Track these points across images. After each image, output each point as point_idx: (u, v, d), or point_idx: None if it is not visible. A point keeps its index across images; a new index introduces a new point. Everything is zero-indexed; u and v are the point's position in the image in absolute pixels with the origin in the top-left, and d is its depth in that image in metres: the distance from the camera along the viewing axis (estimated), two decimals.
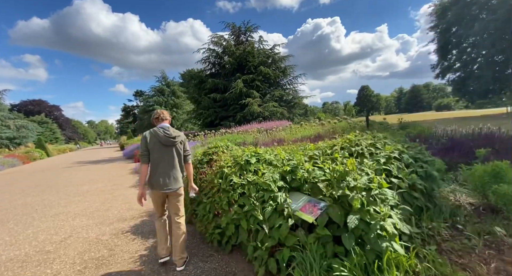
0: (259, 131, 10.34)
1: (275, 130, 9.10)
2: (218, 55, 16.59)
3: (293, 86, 17.38)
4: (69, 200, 5.03)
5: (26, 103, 45.39)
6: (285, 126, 11.81)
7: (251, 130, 11.03)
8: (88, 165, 12.02)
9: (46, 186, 6.80)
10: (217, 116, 15.54)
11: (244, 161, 2.40)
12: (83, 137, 68.64)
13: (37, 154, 18.78)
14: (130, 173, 8.39)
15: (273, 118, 15.04)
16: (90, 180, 7.46)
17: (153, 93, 38.64)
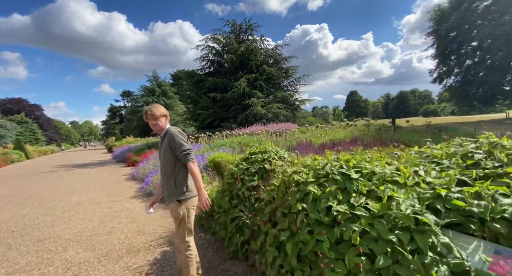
0: (268, 134, 9.56)
1: (289, 133, 8.34)
2: (218, 53, 15.71)
3: (295, 88, 16.79)
4: (57, 217, 3.99)
5: (4, 101, 42.22)
6: (294, 129, 11.11)
7: (259, 133, 10.23)
8: (75, 170, 10.71)
9: (26, 197, 5.65)
10: (216, 117, 14.59)
11: (340, 175, 1.61)
12: (66, 138, 64.94)
13: (15, 156, 16.98)
14: (126, 180, 7.32)
15: (276, 120, 14.32)
16: (79, 188, 6.35)
17: (143, 93, 36.99)
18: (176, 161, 1.79)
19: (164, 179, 1.81)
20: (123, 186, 6.34)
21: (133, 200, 4.87)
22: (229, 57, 14.37)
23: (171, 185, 1.77)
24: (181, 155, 1.75)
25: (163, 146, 1.81)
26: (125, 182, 6.98)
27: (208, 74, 16.06)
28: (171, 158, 1.78)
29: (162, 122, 1.84)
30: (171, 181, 1.77)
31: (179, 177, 1.79)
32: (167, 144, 1.77)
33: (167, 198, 1.82)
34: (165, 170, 1.80)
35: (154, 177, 5.51)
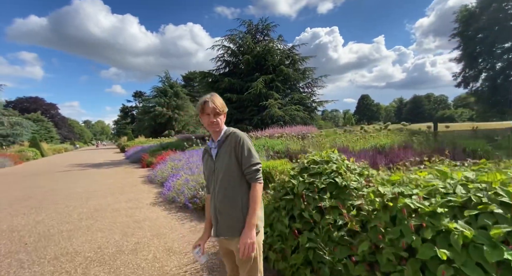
0: (288, 137, 9.03)
1: (313, 136, 7.78)
2: (233, 53, 15.35)
3: (312, 89, 16.20)
4: (74, 226, 3.58)
5: (22, 100, 43.45)
6: (315, 132, 10.53)
7: (279, 135, 9.70)
8: (89, 170, 10.48)
9: (40, 199, 5.31)
10: (231, 118, 14.17)
11: (503, 206, 1.07)
12: (79, 137, 66.39)
13: (30, 154, 17.07)
14: (143, 182, 6.93)
15: (293, 122, 13.78)
16: (95, 191, 5.99)
17: (155, 93, 37.21)
18: (242, 178, 1.28)
19: (224, 203, 1.27)
20: (141, 190, 5.94)
21: (154, 208, 4.43)
22: (245, 57, 13.97)
23: (236, 212, 1.25)
24: (249, 170, 1.25)
25: (222, 155, 1.28)
26: (142, 185, 6.58)
27: (223, 75, 15.72)
28: (236, 174, 1.26)
29: (222, 121, 1.33)
30: (236, 207, 1.25)
31: (247, 200, 1.27)
32: (230, 153, 1.26)
33: (227, 230, 1.27)
34: (226, 191, 1.26)
35: (176, 182, 5.06)
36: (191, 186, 4.53)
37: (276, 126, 12.92)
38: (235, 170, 1.26)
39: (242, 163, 1.25)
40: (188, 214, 3.97)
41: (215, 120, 1.28)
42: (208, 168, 1.35)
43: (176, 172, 6.30)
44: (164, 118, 34.21)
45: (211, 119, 1.27)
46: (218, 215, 1.29)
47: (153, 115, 34.25)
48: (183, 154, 8.62)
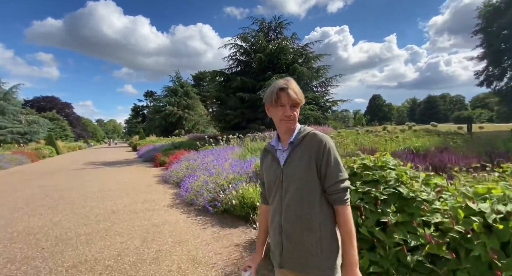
0: None
1: (333, 137, 7.41)
2: (246, 52, 15.11)
3: (326, 88, 15.76)
4: (91, 229, 3.40)
5: (38, 99, 44.80)
6: (332, 132, 10.15)
7: None
8: (103, 168, 10.48)
9: (57, 198, 5.21)
10: (244, 118, 13.96)
11: None
12: (92, 135, 68.00)
13: (46, 152, 17.42)
14: (158, 182, 6.77)
15: (307, 122, 13.40)
16: (110, 191, 5.86)
17: (166, 93, 37.53)
18: (322, 196, 0.94)
19: (296, 226, 0.95)
20: (156, 191, 5.76)
21: (172, 210, 4.21)
22: (258, 56, 13.69)
23: (311, 240, 0.92)
24: (336, 188, 0.92)
25: (297, 161, 0.95)
26: (157, 185, 6.41)
27: (235, 74, 15.52)
28: (315, 190, 0.93)
29: (297, 115, 1.00)
30: (312, 234, 0.92)
31: (326, 229, 0.93)
32: (309, 160, 0.93)
33: (298, 263, 0.95)
34: (300, 210, 0.94)
35: (194, 183, 4.84)
36: (210, 188, 4.30)
37: None
38: (314, 184, 0.93)
39: (325, 176, 0.93)
40: (208, 218, 3.73)
41: (292, 114, 0.96)
42: (271, 174, 1.03)
43: (192, 172, 6.09)
44: (174, 117, 34.45)
45: (287, 112, 0.95)
46: (285, 240, 0.97)
47: (164, 115, 34.55)
48: (197, 153, 8.44)
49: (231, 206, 3.62)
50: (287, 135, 1.01)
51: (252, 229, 3.21)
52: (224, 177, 4.46)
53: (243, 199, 3.54)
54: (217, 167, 5.47)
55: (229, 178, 4.33)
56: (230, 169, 4.92)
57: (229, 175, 4.52)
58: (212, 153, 7.87)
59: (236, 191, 3.74)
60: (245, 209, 3.47)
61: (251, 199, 3.51)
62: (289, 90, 0.95)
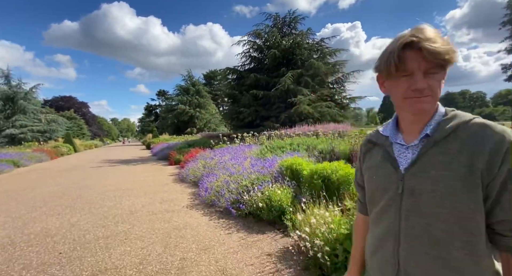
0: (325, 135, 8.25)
1: (354, 136, 6.94)
2: (259, 48, 14.75)
3: (342, 84, 15.14)
4: (110, 231, 3.20)
5: (57, 99, 46.48)
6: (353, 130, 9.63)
7: (313, 133, 8.95)
8: (119, 166, 10.48)
9: (75, 197, 5.10)
10: (257, 116, 13.63)
11: None
12: (107, 133, 69.98)
13: (64, 149, 17.86)
14: (174, 181, 6.58)
15: (324, 120, 12.91)
16: (128, 189, 5.71)
17: (178, 92, 37.85)
18: (481, 221, 0.56)
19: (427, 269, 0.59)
20: (174, 190, 5.55)
21: (192, 212, 3.96)
22: (272, 52, 13.30)
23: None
24: None
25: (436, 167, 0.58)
26: (173, 184, 6.21)
27: (248, 71, 15.21)
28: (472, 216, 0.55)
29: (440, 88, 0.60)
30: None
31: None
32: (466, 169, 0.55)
33: None
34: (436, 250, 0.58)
35: (214, 183, 4.57)
36: (232, 188, 4.01)
37: (304, 124, 12.17)
38: (470, 212, 0.55)
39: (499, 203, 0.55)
40: (232, 221, 3.44)
41: (428, 85, 0.57)
42: (380, 180, 0.68)
43: (210, 171, 5.85)
44: (186, 116, 34.69)
45: (416, 84, 0.57)
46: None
47: (176, 113, 34.86)
48: (213, 152, 8.20)
49: (257, 209, 3.31)
50: (418, 123, 0.64)
51: (283, 236, 2.88)
52: (246, 177, 4.15)
53: (270, 202, 3.22)
54: (237, 166, 5.19)
55: (252, 178, 4.02)
56: (251, 168, 4.61)
57: (251, 175, 4.21)
58: (229, 151, 7.60)
59: (261, 192, 3.43)
60: (273, 213, 3.15)
61: (279, 202, 3.18)
62: (424, 43, 0.55)
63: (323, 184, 3.21)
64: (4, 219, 3.78)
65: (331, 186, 3.19)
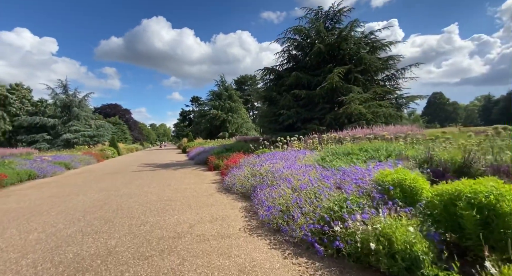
0: (396, 138, 6.74)
1: (440, 139, 5.32)
2: (299, 45, 13.61)
3: (396, 82, 13.16)
4: (155, 269, 2.33)
5: (105, 106, 50.97)
6: (421, 133, 7.90)
7: (372, 137, 7.47)
8: (159, 170, 10.17)
9: (115, 208, 4.51)
10: (298, 118, 12.42)
11: None
12: (147, 138, 74.88)
13: (109, 152, 18.74)
14: (219, 190, 5.73)
15: (378, 121, 11.18)
16: (171, 200, 4.99)
17: (211, 97, 38.47)
18: None
19: None
20: (221, 203, 4.66)
21: (255, 240, 2.95)
22: (316, 47, 12.03)
23: None
24: None
25: None
26: (219, 195, 5.35)
27: (288, 70, 14.16)
28: None
29: None
30: None
31: None
32: None
33: None
34: None
35: (277, 199, 3.53)
36: (308, 211, 2.91)
37: (354, 126, 10.63)
38: None
39: None
40: (320, 264, 2.33)
41: None
42: None
43: (261, 181, 4.86)
44: (218, 120, 34.91)
45: None
46: None
47: (209, 118, 35.34)
48: (258, 157, 7.24)
49: (362, 251, 2.16)
50: None
51: None
52: (326, 196, 3.03)
53: (387, 243, 2.04)
54: (299, 176, 4.10)
55: (338, 199, 2.87)
56: (324, 182, 3.48)
57: (332, 193, 3.08)
58: (277, 157, 6.57)
59: (368, 224, 2.27)
60: (397, 263, 1.96)
61: (405, 244, 1.98)
62: None
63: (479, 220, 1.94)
64: (38, 236, 3.22)
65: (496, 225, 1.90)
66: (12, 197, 5.83)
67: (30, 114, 29.28)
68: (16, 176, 8.64)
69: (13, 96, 31.00)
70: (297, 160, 5.75)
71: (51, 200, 5.32)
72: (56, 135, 26.56)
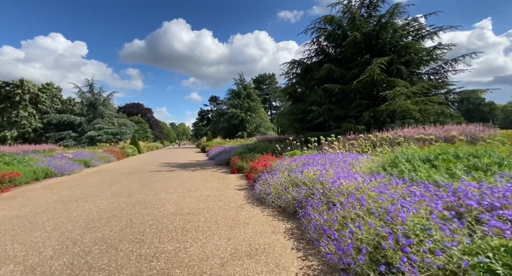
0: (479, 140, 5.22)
1: None
2: (331, 35, 12.14)
3: (445, 75, 11.27)
4: None
5: (128, 105, 52.34)
6: (497, 134, 6.25)
7: (432, 138, 5.98)
8: (177, 171, 9.30)
9: (124, 224, 3.54)
10: (330, 116, 11.00)
11: None
12: (167, 136, 76.40)
13: (130, 151, 18.48)
14: (249, 201, 4.60)
15: (426, 120, 9.50)
16: (192, 214, 3.95)
17: (230, 96, 37.79)
18: None
19: None
20: (257, 220, 3.51)
21: None
22: (352, 36, 10.51)
23: None
24: None
25: None
26: (251, 208, 4.22)
27: (317, 63, 12.76)
28: None
29: None
30: None
31: None
32: None
33: None
34: None
35: (363, 233, 2.30)
36: (421, 262, 1.66)
37: (394, 125, 9.05)
38: None
39: None
40: None
41: None
42: None
43: (309, 194, 3.66)
44: (237, 119, 34.11)
45: None
46: None
47: (228, 117, 34.66)
48: (292, 161, 6.02)
49: None
50: None
51: None
52: (447, 233, 1.75)
53: None
54: (370, 191, 2.84)
55: (490, 245, 1.59)
56: (424, 203, 2.20)
57: (457, 228, 1.80)
58: (316, 161, 5.32)
59: None
60: None
61: None
62: None
63: None
64: (13, 269, 2.28)
65: None
66: (17, 200, 5.14)
67: (59, 112, 30.35)
68: (33, 174, 8.17)
69: (43, 95, 32.32)
70: (349, 166, 4.47)
71: (55, 206, 4.51)
72: (82, 133, 27.17)
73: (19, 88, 30.60)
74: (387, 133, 7.63)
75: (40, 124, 31.17)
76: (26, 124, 30.41)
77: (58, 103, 34.15)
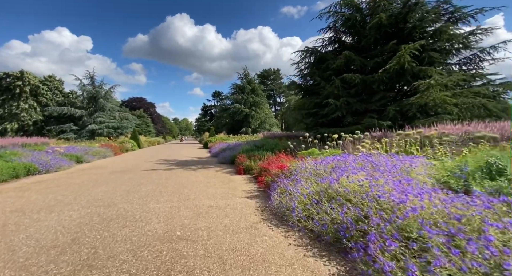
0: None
1: None
2: (349, 20, 10.73)
3: (479, 65, 9.84)
4: None
5: (131, 100, 51.37)
6: None
7: (485, 136, 4.66)
8: (175, 171, 8.14)
9: (82, 260, 2.38)
10: (348, 110, 9.69)
11: None
12: (169, 131, 75.53)
13: (129, 145, 17.40)
14: (263, 217, 3.39)
15: (464, 116, 8.16)
16: (188, 241, 2.75)
17: (233, 90, 36.47)
18: None
19: None
20: (281, 256, 2.31)
21: None
22: (377, 18, 9.11)
23: None
24: None
25: None
26: (269, 229, 3.00)
27: (332, 53, 11.41)
28: None
29: None
30: None
31: None
32: None
33: None
34: None
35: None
36: None
37: (425, 121, 7.75)
38: None
39: None
40: None
41: None
42: None
43: (358, 216, 2.44)
44: (241, 115, 32.85)
45: None
46: None
47: (231, 112, 33.40)
48: (317, 163, 4.78)
49: None
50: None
51: None
52: None
53: None
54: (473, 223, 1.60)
55: None
56: None
57: None
58: (350, 163, 4.08)
59: None
60: None
61: None
62: None
63: None
64: None
65: None
66: None
67: (60, 105, 29.39)
68: (12, 170, 7.08)
69: (44, 87, 31.35)
70: (406, 174, 3.22)
71: (7, 221, 3.36)
72: (83, 126, 26.20)
73: (19, 79, 29.67)
74: (425, 130, 6.34)
75: (41, 116, 30.28)
76: (26, 117, 29.57)
77: (60, 96, 33.22)
